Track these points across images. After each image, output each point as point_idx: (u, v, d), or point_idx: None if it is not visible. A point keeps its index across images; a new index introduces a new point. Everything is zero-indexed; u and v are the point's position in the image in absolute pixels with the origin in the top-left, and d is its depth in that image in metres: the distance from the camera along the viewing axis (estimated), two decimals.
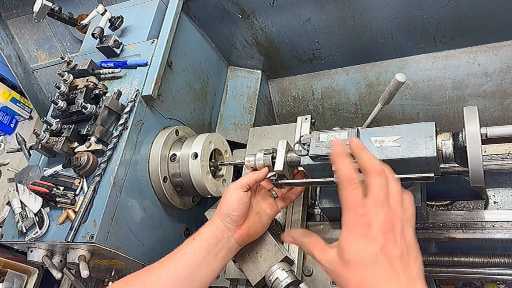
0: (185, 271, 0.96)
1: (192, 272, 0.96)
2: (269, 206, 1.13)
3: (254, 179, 1.09)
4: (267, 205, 1.13)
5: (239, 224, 1.05)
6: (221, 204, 1.07)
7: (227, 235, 1.03)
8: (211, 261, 0.99)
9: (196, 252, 0.99)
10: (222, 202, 1.07)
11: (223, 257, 1.02)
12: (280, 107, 2.10)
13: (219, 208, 1.06)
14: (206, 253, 0.99)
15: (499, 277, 1.30)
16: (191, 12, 1.67)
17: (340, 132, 1.05)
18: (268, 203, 1.13)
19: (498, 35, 1.60)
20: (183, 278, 0.95)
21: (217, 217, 1.05)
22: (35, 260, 1.23)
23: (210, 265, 0.99)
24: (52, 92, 2.17)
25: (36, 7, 1.42)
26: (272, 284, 1.12)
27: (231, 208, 1.04)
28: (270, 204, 1.13)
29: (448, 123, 1.83)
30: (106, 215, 1.16)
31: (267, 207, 1.12)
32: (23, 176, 1.33)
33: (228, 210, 1.04)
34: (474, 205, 1.47)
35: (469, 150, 0.92)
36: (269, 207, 1.13)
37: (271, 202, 1.14)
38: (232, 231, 1.03)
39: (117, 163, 1.22)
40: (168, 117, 1.48)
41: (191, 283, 0.96)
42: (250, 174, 1.11)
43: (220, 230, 1.03)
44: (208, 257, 0.99)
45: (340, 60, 1.84)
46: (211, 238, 1.01)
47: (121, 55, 1.48)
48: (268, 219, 1.12)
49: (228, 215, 1.04)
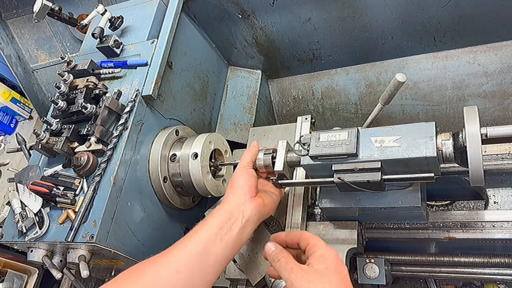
0: (197, 249, 0.93)
1: (204, 248, 0.94)
2: (272, 187, 1.18)
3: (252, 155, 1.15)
4: (271, 187, 1.18)
5: (253, 194, 1.06)
6: (231, 182, 1.09)
7: (242, 208, 1.02)
8: (224, 236, 0.96)
9: (207, 229, 0.97)
10: (232, 181, 1.10)
11: (238, 233, 0.99)
12: (280, 107, 2.10)
13: (231, 186, 1.08)
14: (219, 229, 0.97)
15: (499, 277, 1.30)
16: (191, 12, 1.67)
17: (340, 132, 1.05)
18: (270, 185, 1.19)
19: (498, 35, 1.60)
20: (196, 254, 0.93)
21: (229, 194, 1.06)
22: (35, 260, 1.23)
23: (224, 240, 0.96)
24: (52, 92, 2.18)
25: (36, 7, 1.42)
26: (272, 284, 1.13)
27: (243, 181, 1.08)
28: (272, 186, 1.19)
29: (448, 123, 1.83)
30: (106, 215, 1.16)
31: (271, 188, 1.18)
32: (23, 176, 1.33)
33: (240, 183, 1.07)
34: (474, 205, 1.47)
35: (469, 150, 0.92)
36: (272, 188, 1.18)
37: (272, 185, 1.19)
38: (247, 203, 1.03)
39: (117, 163, 1.22)
40: (168, 117, 1.48)
41: (204, 260, 0.93)
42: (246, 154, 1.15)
43: (233, 205, 1.03)
44: (221, 232, 0.97)
45: (340, 60, 1.84)
46: (223, 214, 1.00)
47: (121, 55, 1.48)
48: (275, 197, 1.16)
49: (241, 187, 1.06)
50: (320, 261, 0.89)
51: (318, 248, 0.92)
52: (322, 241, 0.94)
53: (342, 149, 1.02)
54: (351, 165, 1.03)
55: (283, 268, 0.92)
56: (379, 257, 1.32)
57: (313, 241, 0.94)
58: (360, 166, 1.01)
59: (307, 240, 0.96)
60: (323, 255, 0.90)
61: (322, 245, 0.93)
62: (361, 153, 1.02)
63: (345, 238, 1.25)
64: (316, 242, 0.94)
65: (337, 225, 1.28)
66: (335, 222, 1.29)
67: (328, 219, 1.31)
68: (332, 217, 1.30)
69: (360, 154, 1.02)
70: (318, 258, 0.90)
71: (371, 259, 1.30)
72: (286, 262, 0.92)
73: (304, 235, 0.98)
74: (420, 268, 1.37)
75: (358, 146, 1.03)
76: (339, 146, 1.03)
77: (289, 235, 1.02)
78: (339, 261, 0.90)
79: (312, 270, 0.87)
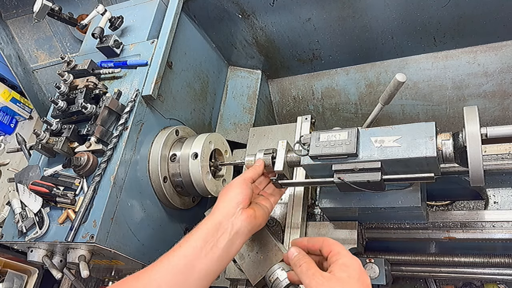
0: (180, 264, 0.90)
1: (187, 264, 0.91)
2: (264, 200, 1.14)
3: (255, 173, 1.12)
4: (262, 199, 1.14)
5: (245, 206, 1.03)
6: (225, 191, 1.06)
7: (232, 219, 0.99)
8: (209, 251, 0.93)
9: (192, 243, 0.94)
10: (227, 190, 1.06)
11: (226, 246, 0.95)
12: (280, 107, 2.10)
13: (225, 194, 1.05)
14: (204, 243, 0.93)
15: (499, 277, 1.30)
16: (191, 12, 1.67)
17: (340, 132, 1.05)
18: (262, 198, 1.15)
19: (498, 35, 1.60)
20: (177, 271, 0.90)
21: (221, 203, 1.03)
22: (35, 260, 1.23)
23: (209, 255, 0.93)
24: (52, 92, 2.17)
25: (36, 7, 1.42)
26: (272, 284, 1.12)
27: (238, 191, 1.04)
28: (264, 198, 1.15)
29: (448, 123, 1.83)
30: (106, 215, 1.16)
31: (263, 200, 1.14)
32: (23, 176, 1.33)
33: (234, 193, 1.03)
34: (474, 205, 1.46)
35: (469, 150, 0.92)
36: (264, 200, 1.14)
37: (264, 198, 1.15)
38: (238, 214, 1.00)
39: (117, 163, 1.22)
40: (168, 117, 1.48)
41: (187, 276, 0.90)
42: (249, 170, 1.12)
43: (223, 215, 0.99)
44: (206, 246, 0.93)
45: (340, 60, 1.84)
46: (211, 226, 0.97)
47: (121, 55, 1.48)
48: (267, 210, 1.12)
49: (234, 197, 1.03)
50: (342, 269, 0.87)
51: (341, 256, 0.91)
52: (345, 249, 0.93)
53: (342, 149, 1.02)
54: (351, 165, 1.03)
55: (305, 274, 0.90)
56: (379, 257, 1.32)
57: (336, 249, 0.93)
58: (360, 166, 1.01)
59: (329, 247, 0.94)
60: (345, 263, 0.88)
61: (345, 253, 0.91)
62: (361, 153, 1.02)
63: (345, 238, 1.25)
64: (340, 250, 0.92)
65: (337, 225, 1.28)
66: (335, 222, 1.29)
67: (328, 219, 1.31)
68: (332, 217, 1.30)
69: (360, 154, 1.02)
70: (340, 266, 0.88)
71: (371, 259, 1.30)
72: (308, 268, 0.91)
73: (327, 241, 0.96)
74: (420, 268, 1.37)
75: (358, 146, 1.03)
76: (339, 146, 1.03)
77: (311, 241, 1.00)
78: (362, 270, 0.88)
79: (334, 278, 0.86)
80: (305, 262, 0.93)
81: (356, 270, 0.87)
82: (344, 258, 0.90)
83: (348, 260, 0.89)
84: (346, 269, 0.87)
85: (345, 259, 0.89)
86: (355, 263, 0.89)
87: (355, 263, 0.89)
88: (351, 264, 0.88)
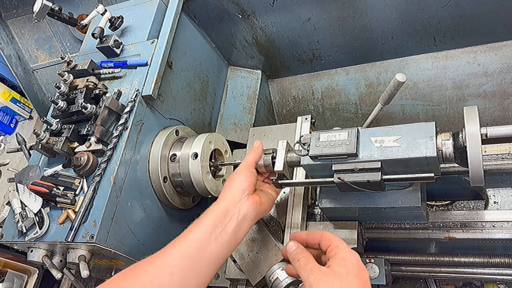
0: (191, 248, 0.92)
1: (198, 248, 0.92)
2: (269, 187, 1.17)
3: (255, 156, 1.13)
4: (268, 187, 1.17)
5: (251, 192, 1.05)
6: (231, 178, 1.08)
7: (239, 205, 1.01)
8: (218, 235, 0.95)
9: (201, 229, 0.95)
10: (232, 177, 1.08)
11: (233, 231, 0.97)
12: (280, 107, 2.11)
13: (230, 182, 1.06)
14: (213, 227, 0.95)
15: (499, 277, 1.30)
16: (191, 12, 1.67)
17: (340, 132, 1.05)
18: (267, 186, 1.17)
19: (498, 35, 1.60)
20: (189, 255, 0.91)
21: (227, 190, 1.04)
22: (35, 260, 1.23)
23: (218, 239, 0.95)
24: (52, 92, 2.17)
25: (36, 7, 1.42)
26: (272, 284, 1.13)
27: (243, 178, 1.06)
28: (269, 186, 1.18)
29: (448, 123, 1.83)
30: (106, 215, 1.16)
31: (268, 188, 1.16)
32: (23, 176, 1.33)
33: (239, 180, 1.05)
34: (474, 205, 1.46)
35: (469, 150, 0.92)
36: (269, 188, 1.17)
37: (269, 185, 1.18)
38: (244, 200, 1.02)
39: (117, 163, 1.22)
40: (168, 117, 1.48)
41: (198, 260, 0.92)
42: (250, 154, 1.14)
43: (230, 202, 1.01)
44: (216, 231, 0.95)
45: (340, 60, 1.84)
46: (219, 212, 0.99)
47: (121, 55, 1.48)
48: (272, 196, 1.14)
49: (240, 184, 1.04)
50: (341, 264, 0.87)
51: (339, 250, 0.91)
52: (344, 244, 0.93)
53: (342, 149, 1.02)
54: (351, 165, 1.03)
55: (303, 269, 0.91)
56: (379, 257, 1.32)
57: (335, 243, 0.93)
58: (360, 166, 1.01)
59: (328, 241, 0.94)
60: (344, 258, 0.89)
61: (344, 247, 0.92)
62: (361, 153, 1.02)
63: (345, 238, 1.25)
64: (338, 244, 0.93)
65: (337, 225, 1.28)
66: (335, 222, 1.29)
67: (328, 219, 1.31)
68: (332, 217, 1.30)
69: (360, 154, 1.02)
70: (339, 260, 0.88)
71: (371, 259, 1.30)
72: (306, 263, 0.91)
73: (326, 235, 0.96)
74: (420, 268, 1.37)
75: (358, 146, 1.03)
76: (339, 146, 1.03)
77: (310, 234, 1.01)
78: (360, 265, 0.88)
79: (332, 272, 0.86)
80: (303, 256, 0.94)
81: (355, 265, 0.87)
82: (343, 252, 0.90)
83: (346, 255, 0.90)
84: (345, 263, 0.87)
85: (344, 253, 0.90)
86: (353, 258, 0.89)
87: (353, 257, 0.89)
88: (350, 258, 0.89)
